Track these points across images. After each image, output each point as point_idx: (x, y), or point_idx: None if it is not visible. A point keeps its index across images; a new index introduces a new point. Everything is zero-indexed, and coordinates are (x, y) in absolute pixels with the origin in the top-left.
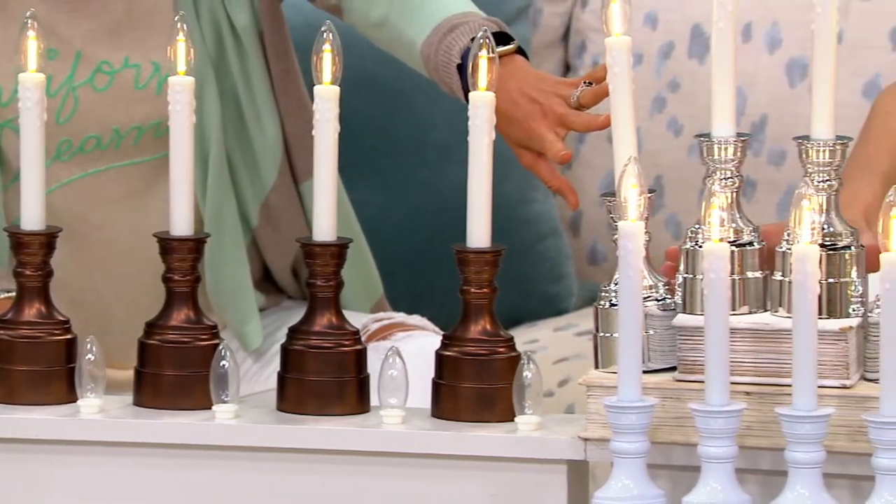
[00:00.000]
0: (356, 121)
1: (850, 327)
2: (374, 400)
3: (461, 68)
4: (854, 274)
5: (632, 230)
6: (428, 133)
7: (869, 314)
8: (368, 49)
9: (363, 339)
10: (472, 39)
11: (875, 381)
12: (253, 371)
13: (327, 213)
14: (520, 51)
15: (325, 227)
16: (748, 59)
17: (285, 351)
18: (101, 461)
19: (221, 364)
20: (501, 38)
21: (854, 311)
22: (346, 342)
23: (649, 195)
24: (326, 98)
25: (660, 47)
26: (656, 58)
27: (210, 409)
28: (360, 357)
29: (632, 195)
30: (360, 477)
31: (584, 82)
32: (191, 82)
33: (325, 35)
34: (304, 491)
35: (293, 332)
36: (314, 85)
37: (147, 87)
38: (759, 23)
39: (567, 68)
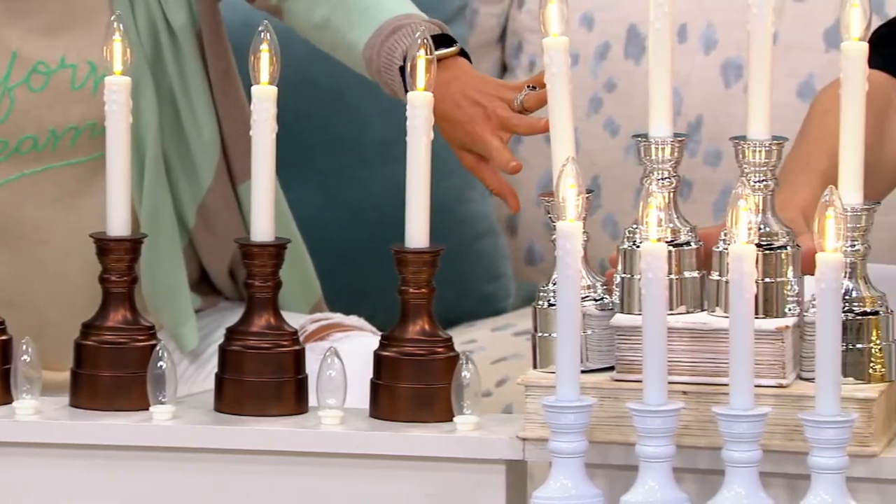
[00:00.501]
0: (294, 121)
1: (787, 327)
2: (312, 400)
3: (403, 70)
4: (790, 273)
5: (570, 230)
6: (365, 132)
7: (805, 313)
8: (306, 48)
9: (301, 339)
10: None
11: (811, 380)
12: (190, 372)
13: (265, 214)
14: (462, 53)
15: (262, 228)
16: (684, 60)
17: (223, 351)
18: (37, 463)
19: (159, 365)
20: (444, 40)
21: (790, 310)
22: (285, 342)
23: (587, 195)
24: (264, 98)
25: (596, 48)
26: (592, 58)
27: (147, 409)
28: (299, 357)
29: (570, 195)
30: (299, 477)
31: (528, 86)
32: (127, 82)
33: (262, 35)
34: (243, 491)
35: (231, 333)
36: (252, 85)
37: (83, 88)
38: (695, 24)
39: (504, 69)
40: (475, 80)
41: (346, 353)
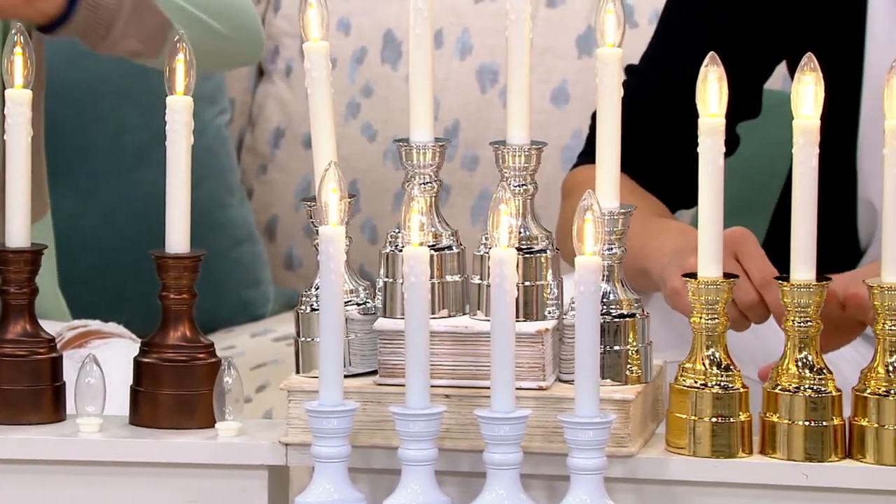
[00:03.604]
0: (48, 126)
1: (547, 329)
2: (70, 409)
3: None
4: (549, 277)
5: (333, 235)
6: (121, 138)
7: (564, 316)
8: (60, 51)
9: (59, 346)
10: None
11: (570, 382)
12: None
13: (21, 219)
14: None
15: (16, 234)
16: (440, 65)
17: None
18: None
19: None
20: None
21: (550, 313)
22: (41, 350)
23: (350, 199)
24: (18, 102)
25: (353, 52)
26: (350, 63)
27: None
28: (56, 365)
29: (332, 200)
30: (58, 486)
31: None
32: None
33: (16, 37)
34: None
35: None
36: (5, 88)
37: None
38: (451, 29)
39: (261, 73)
40: None
41: (105, 360)
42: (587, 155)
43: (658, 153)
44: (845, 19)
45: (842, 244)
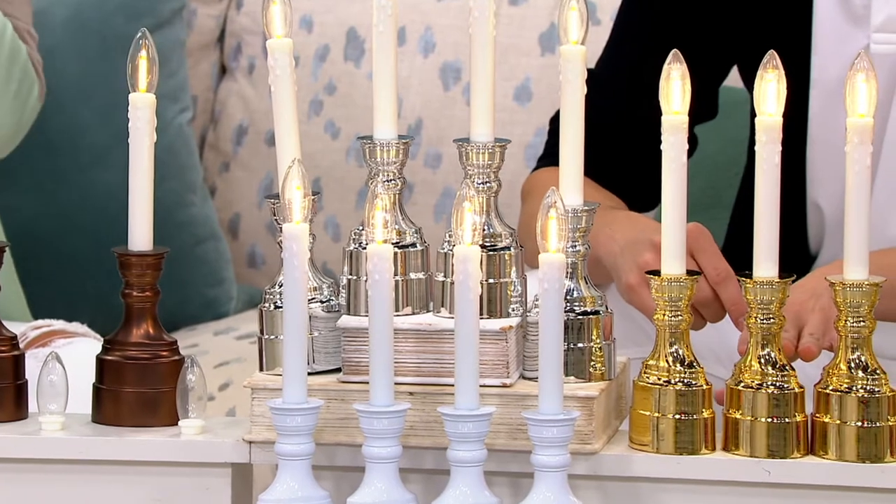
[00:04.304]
0: None
1: (511, 327)
2: (33, 407)
3: None
4: (513, 274)
5: (296, 232)
6: (82, 137)
7: (528, 314)
8: None
9: (22, 346)
10: None
11: (534, 379)
12: None
13: None
14: None
15: None
16: (403, 63)
17: None
18: None
19: None
20: None
21: (514, 310)
22: (3, 348)
23: (313, 197)
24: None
25: (316, 50)
26: (313, 60)
27: None
28: (18, 363)
29: (296, 197)
30: (20, 485)
31: None
32: None
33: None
34: None
35: None
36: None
37: None
38: (413, 27)
39: (223, 70)
40: None
41: (68, 359)
42: (546, 158)
43: (617, 156)
44: (792, 23)
45: (792, 247)
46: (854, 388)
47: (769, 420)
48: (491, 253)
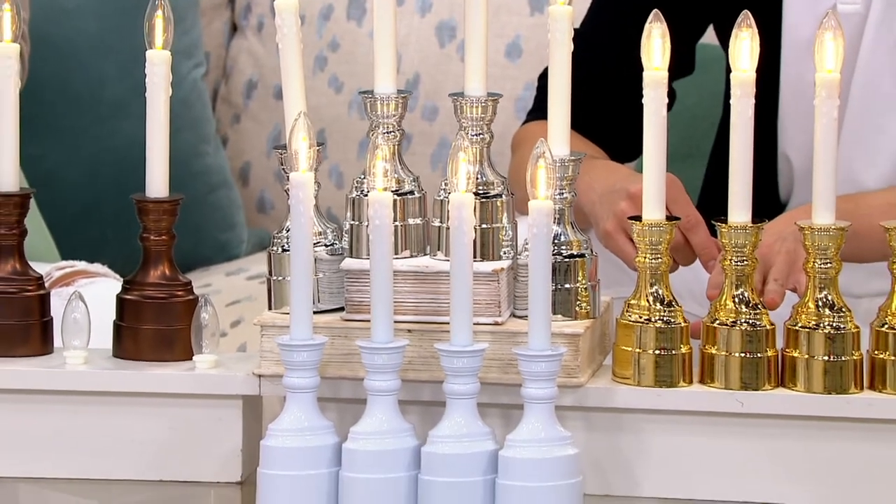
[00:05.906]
0: (31, 79)
1: (502, 269)
2: (58, 343)
3: None
4: (505, 220)
5: (303, 180)
6: (102, 91)
7: (518, 257)
8: (40, 7)
9: (47, 285)
10: None
11: (524, 317)
12: None
13: (9, 164)
14: None
15: (5, 179)
16: (402, 22)
17: None
18: None
19: None
20: None
21: (505, 254)
22: (30, 287)
23: (318, 147)
24: (7, 55)
25: (320, 10)
26: (317, 19)
27: None
28: (44, 301)
29: (302, 147)
30: (46, 415)
31: None
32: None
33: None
34: None
35: None
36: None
37: None
38: None
39: (234, 28)
40: None
41: (90, 297)
42: (535, 112)
43: (600, 110)
44: None
45: (763, 195)
46: (821, 325)
47: (742, 355)
48: (484, 200)
